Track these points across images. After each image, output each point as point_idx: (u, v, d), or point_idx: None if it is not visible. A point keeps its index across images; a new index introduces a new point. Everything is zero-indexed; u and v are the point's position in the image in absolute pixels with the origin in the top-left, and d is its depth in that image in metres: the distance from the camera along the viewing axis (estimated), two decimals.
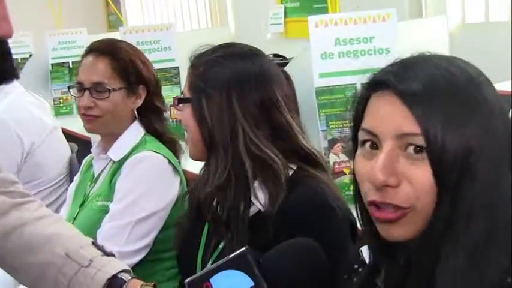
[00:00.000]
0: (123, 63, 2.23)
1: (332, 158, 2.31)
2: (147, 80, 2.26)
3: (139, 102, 2.25)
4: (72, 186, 2.42)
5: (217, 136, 1.66)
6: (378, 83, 1.07)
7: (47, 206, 3.02)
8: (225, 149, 1.66)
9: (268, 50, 5.38)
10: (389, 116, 1.02)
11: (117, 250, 2.02)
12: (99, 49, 2.27)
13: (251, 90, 1.66)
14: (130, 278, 1.45)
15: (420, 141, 0.99)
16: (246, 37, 6.37)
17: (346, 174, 2.28)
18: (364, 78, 2.18)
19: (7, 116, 2.97)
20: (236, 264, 1.22)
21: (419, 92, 1.00)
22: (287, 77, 1.81)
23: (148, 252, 2.11)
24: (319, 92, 2.28)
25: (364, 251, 1.19)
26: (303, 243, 1.30)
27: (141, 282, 1.45)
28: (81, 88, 2.23)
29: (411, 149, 1.00)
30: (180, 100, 1.74)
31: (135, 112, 2.27)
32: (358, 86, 2.22)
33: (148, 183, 2.11)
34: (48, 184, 3.12)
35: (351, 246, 1.62)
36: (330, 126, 2.31)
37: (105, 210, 2.14)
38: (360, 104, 1.10)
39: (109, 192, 2.17)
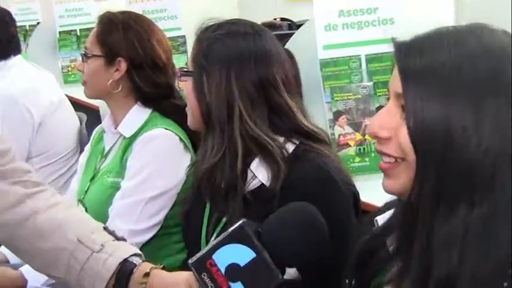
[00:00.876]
0: (103, 32, 2.24)
1: (337, 130, 2.31)
2: (125, 54, 2.21)
3: (117, 75, 2.21)
4: (83, 158, 2.43)
5: (214, 113, 1.68)
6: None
7: (59, 176, 3.11)
8: (221, 127, 1.68)
9: (276, 13, 5.37)
10: (395, 78, 1.09)
11: (129, 228, 2.05)
12: (99, 16, 2.32)
13: (250, 70, 1.67)
14: (140, 261, 1.46)
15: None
16: (253, 2, 6.33)
17: (351, 146, 2.28)
18: (369, 50, 2.19)
19: (14, 90, 3.00)
20: (235, 238, 1.23)
21: (417, 68, 1.06)
22: (290, 56, 1.81)
23: (159, 228, 2.13)
24: (324, 64, 2.28)
25: (380, 220, 1.23)
26: (299, 207, 1.30)
27: (151, 265, 1.46)
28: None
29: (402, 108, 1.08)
30: (183, 73, 1.77)
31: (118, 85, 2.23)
32: (363, 58, 2.22)
33: (159, 161, 2.12)
34: (60, 155, 3.16)
35: (354, 219, 1.65)
36: (335, 98, 2.30)
37: (116, 187, 2.16)
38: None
39: (120, 169, 2.18)
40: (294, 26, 5.16)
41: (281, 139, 1.70)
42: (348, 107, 2.29)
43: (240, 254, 1.23)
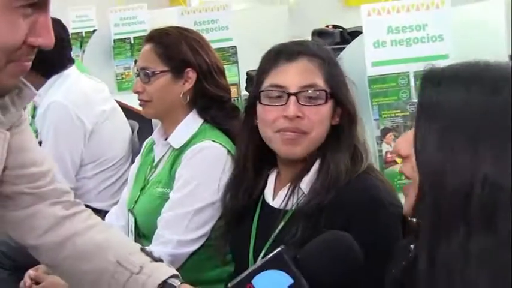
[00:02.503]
0: (165, 47, 2.25)
1: (384, 147, 2.30)
2: (194, 63, 2.25)
3: (188, 86, 2.24)
4: (134, 168, 2.46)
5: None
6: None
7: (111, 184, 3.16)
8: None
9: (327, 20, 5.35)
10: None
11: (177, 238, 2.09)
12: (149, 36, 2.33)
13: None
14: (179, 283, 1.49)
15: None
16: (304, 10, 6.35)
17: (398, 163, 2.26)
18: (417, 67, 2.18)
19: (66, 100, 3.05)
20: (274, 264, 1.26)
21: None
22: None
23: (206, 239, 2.14)
24: (372, 80, 2.26)
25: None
26: (336, 236, 1.33)
27: (190, 287, 1.49)
28: (137, 74, 2.29)
29: None
30: None
31: (186, 97, 2.26)
32: (411, 75, 2.20)
33: (207, 174, 2.12)
34: (111, 163, 3.21)
35: (399, 240, 1.64)
36: (383, 116, 2.29)
37: (164, 198, 2.19)
38: None
39: (169, 180, 2.21)
40: (346, 33, 5.14)
41: None
42: (396, 124, 2.27)
43: (278, 280, 1.26)
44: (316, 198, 1.68)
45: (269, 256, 1.28)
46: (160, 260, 1.56)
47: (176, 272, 1.53)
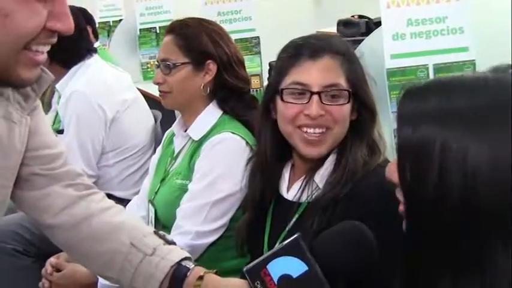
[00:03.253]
0: (186, 38, 2.26)
1: None
2: (215, 55, 2.26)
3: (208, 78, 2.26)
4: (154, 159, 2.48)
5: None
6: None
7: (133, 172, 3.17)
8: None
9: (353, 10, 5.30)
10: None
11: (195, 229, 2.10)
12: (169, 27, 2.33)
13: None
14: (193, 265, 1.50)
15: None
16: (329, 2, 6.29)
17: None
18: (437, 59, 2.16)
19: (87, 89, 3.06)
20: (290, 251, 1.28)
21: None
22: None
23: (225, 230, 2.16)
24: (390, 73, 2.25)
25: None
26: (351, 226, 1.34)
27: (204, 270, 1.50)
28: (157, 65, 2.31)
29: None
30: None
31: (207, 88, 2.27)
32: (431, 67, 2.18)
33: (225, 165, 2.14)
34: (133, 151, 3.22)
35: None
36: None
37: (183, 189, 2.20)
38: None
39: (188, 172, 2.22)
40: (372, 23, 5.09)
41: None
42: None
43: (293, 266, 1.27)
44: (332, 191, 1.68)
45: (285, 242, 1.29)
46: (173, 243, 1.57)
47: (189, 255, 1.55)
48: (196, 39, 2.26)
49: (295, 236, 1.29)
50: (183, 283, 1.47)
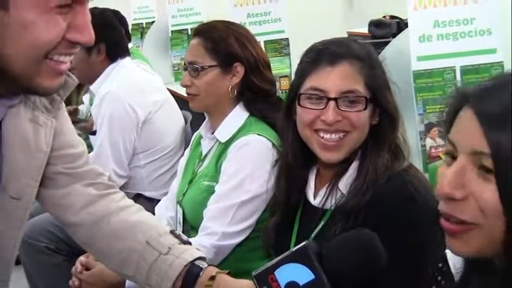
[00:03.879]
0: (213, 41, 2.26)
1: (428, 142, 2.26)
2: (242, 57, 2.26)
3: (236, 80, 2.26)
4: (183, 161, 2.49)
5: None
6: (465, 99, 1.04)
7: (163, 173, 3.20)
8: None
9: (388, 9, 5.27)
10: (467, 132, 1.01)
11: (222, 230, 2.11)
12: (197, 30, 2.33)
13: None
14: (206, 265, 1.51)
15: (489, 162, 0.97)
16: (361, 2, 6.25)
17: (442, 158, 2.22)
18: (464, 61, 2.13)
19: (120, 90, 3.10)
20: (298, 258, 1.26)
21: (496, 114, 0.98)
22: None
23: (251, 231, 2.16)
24: (417, 75, 2.22)
25: (448, 253, 1.19)
26: (361, 235, 1.32)
27: (217, 270, 1.50)
28: (184, 67, 2.31)
29: (482, 169, 0.98)
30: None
31: (234, 90, 2.27)
32: (458, 69, 2.16)
33: (251, 166, 2.14)
34: (163, 152, 3.24)
35: (432, 239, 1.61)
36: (427, 111, 2.25)
37: (210, 191, 2.20)
38: (451, 113, 1.08)
39: (215, 173, 2.23)
40: (403, 24, 5.05)
41: None
42: (441, 119, 2.23)
43: (300, 274, 1.26)
44: (354, 200, 1.67)
45: (294, 249, 1.28)
46: (189, 243, 1.58)
47: (203, 255, 1.56)
48: (223, 42, 2.26)
49: (304, 243, 1.28)
50: (196, 282, 1.48)
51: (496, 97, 1.00)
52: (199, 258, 1.53)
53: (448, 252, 1.19)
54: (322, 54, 1.72)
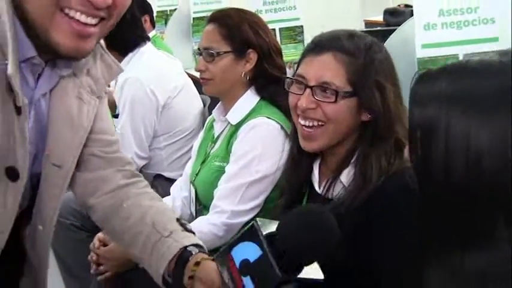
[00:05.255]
0: (228, 28, 2.27)
1: None
2: (256, 44, 2.27)
3: (249, 66, 2.27)
4: (197, 143, 2.52)
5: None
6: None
7: (182, 154, 3.22)
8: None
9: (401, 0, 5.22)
10: None
11: (231, 209, 2.13)
12: (212, 17, 2.34)
13: None
14: (197, 251, 1.53)
15: None
16: None
17: None
18: (467, 49, 2.11)
19: (141, 75, 3.11)
20: (248, 236, 1.27)
21: None
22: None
23: (260, 210, 2.18)
24: (422, 62, 2.21)
25: None
26: (312, 211, 1.31)
27: (205, 256, 1.52)
28: (199, 53, 2.32)
29: None
30: None
31: (246, 76, 2.28)
32: (461, 57, 2.15)
33: (261, 148, 2.15)
34: (182, 135, 3.25)
35: None
36: None
37: (221, 171, 2.22)
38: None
39: (226, 154, 2.25)
40: None
41: None
42: None
43: (250, 251, 1.27)
44: (347, 201, 1.63)
45: (244, 229, 1.30)
46: (192, 232, 1.61)
47: (200, 242, 1.58)
48: (238, 29, 2.27)
49: (252, 222, 1.29)
50: (185, 266, 1.51)
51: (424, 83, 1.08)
52: (195, 245, 1.55)
53: None
54: (314, 44, 1.72)
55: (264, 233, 1.26)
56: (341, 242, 1.28)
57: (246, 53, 2.26)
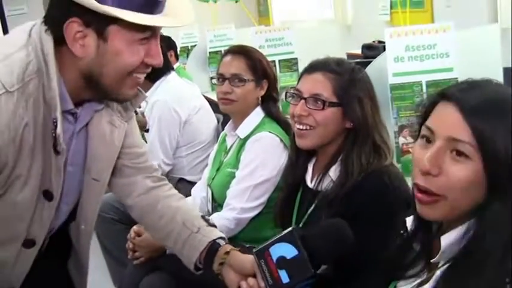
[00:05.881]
0: (254, 61, 2.27)
1: (401, 140, 2.27)
2: (268, 75, 2.29)
3: (262, 92, 2.28)
4: (212, 154, 2.52)
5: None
6: (445, 94, 1.04)
7: (200, 162, 3.21)
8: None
9: (376, 36, 5.24)
10: (446, 121, 1.01)
11: (240, 206, 2.13)
12: (235, 51, 2.32)
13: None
14: (224, 243, 1.55)
15: (463, 147, 0.98)
16: (360, 27, 6.23)
17: (411, 152, 2.21)
18: (428, 77, 2.12)
19: (167, 97, 3.12)
20: (286, 239, 1.29)
21: (475, 106, 0.98)
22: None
23: (264, 207, 2.17)
24: (393, 87, 2.22)
25: (408, 221, 1.19)
26: (334, 222, 1.34)
27: (231, 247, 1.53)
28: (223, 78, 2.28)
29: (454, 152, 0.99)
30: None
31: (259, 99, 2.30)
32: (424, 83, 2.16)
33: (263, 157, 2.16)
34: (201, 145, 3.26)
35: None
36: (400, 115, 2.26)
37: (232, 176, 2.23)
38: (429, 106, 1.08)
39: (236, 163, 2.25)
40: None
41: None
42: (411, 122, 2.23)
43: (287, 251, 1.29)
44: (335, 190, 1.67)
45: (283, 232, 1.31)
46: (214, 226, 1.61)
47: (223, 235, 1.58)
48: (260, 63, 2.29)
49: (291, 228, 1.31)
50: (215, 255, 1.52)
51: (474, 93, 1.00)
52: (221, 237, 1.56)
53: (407, 219, 1.18)
54: (308, 67, 1.76)
55: None
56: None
57: (262, 82, 2.28)
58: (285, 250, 1.28)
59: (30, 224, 1.40)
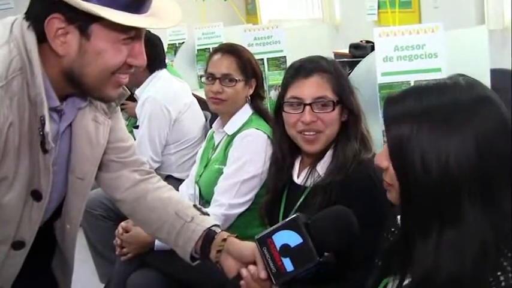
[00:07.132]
0: (244, 61, 2.28)
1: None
2: (257, 74, 2.31)
3: (251, 91, 2.29)
4: (200, 151, 2.52)
5: None
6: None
7: (188, 159, 3.21)
8: None
9: (364, 35, 5.26)
10: None
11: (228, 202, 2.12)
12: (225, 49, 2.32)
13: None
14: (220, 230, 1.54)
15: None
16: (348, 27, 6.26)
17: None
18: (417, 77, 2.14)
19: (158, 95, 3.11)
20: (290, 226, 1.28)
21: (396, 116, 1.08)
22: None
23: (251, 203, 2.18)
24: (381, 87, 2.22)
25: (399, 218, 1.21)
26: (338, 210, 1.33)
27: (228, 234, 1.53)
28: (213, 78, 2.28)
29: None
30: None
31: (248, 98, 2.31)
32: (412, 83, 2.17)
33: (251, 153, 2.16)
34: (190, 143, 3.26)
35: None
36: None
37: (220, 172, 2.23)
38: None
39: (224, 159, 2.25)
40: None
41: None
42: None
43: (291, 238, 1.27)
44: (328, 178, 1.69)
45: (287, 219, 1.30)
46: (207, 214, 1.60)
47: (218, 223, 1.58)
48: (250, 63, 2.30)
49: (295, 215, 1.30)
50: (212, 243, 1.51)
51: (392, 105, 1.09)
52: (215, 225, 1.56)
53: (398, 217, 1.21)
54: (299, 70, 1.75)
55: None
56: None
57: (251, 81, 2.28)
58: (289, 238, 1.27)
59: (19, 226, 1.38)
